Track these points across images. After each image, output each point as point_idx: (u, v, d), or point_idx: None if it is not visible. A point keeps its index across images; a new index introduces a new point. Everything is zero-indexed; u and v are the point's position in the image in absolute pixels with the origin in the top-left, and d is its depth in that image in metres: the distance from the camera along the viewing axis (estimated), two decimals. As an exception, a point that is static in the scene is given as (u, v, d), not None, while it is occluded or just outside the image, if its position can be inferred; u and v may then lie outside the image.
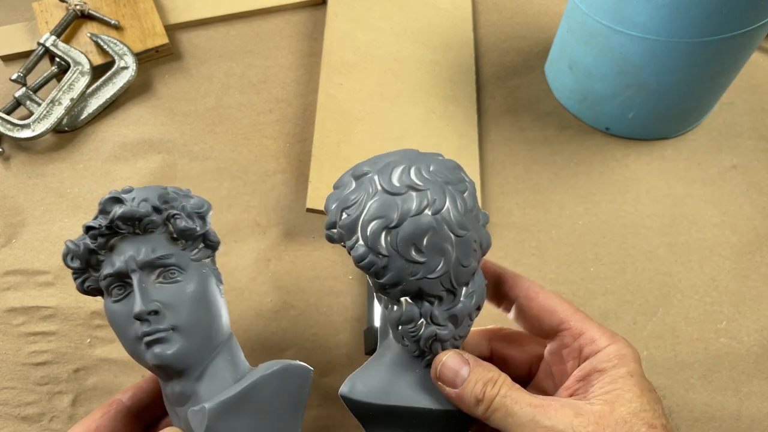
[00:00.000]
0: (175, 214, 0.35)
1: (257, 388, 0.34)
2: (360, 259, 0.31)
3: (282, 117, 0.63)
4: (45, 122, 0.60)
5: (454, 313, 0.33)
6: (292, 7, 0.72)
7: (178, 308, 0.33)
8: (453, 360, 0.33)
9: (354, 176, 0.33)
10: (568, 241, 0.55)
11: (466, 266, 0.32)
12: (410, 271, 0.31)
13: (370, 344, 0.47)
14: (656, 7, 0.48)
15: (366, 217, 0.31)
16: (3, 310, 0.52)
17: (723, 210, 0.56)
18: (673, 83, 0.53)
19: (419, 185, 0.31)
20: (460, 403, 0.33)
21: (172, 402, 0.35)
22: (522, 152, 0.60)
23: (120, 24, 0.67)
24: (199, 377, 0.34)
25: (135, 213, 0.33)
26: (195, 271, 0.35)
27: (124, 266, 0.33)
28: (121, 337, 0.34)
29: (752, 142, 0.61)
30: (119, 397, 0.37)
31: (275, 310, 0.51)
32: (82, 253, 0.34)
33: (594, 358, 0.32)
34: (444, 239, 0.31)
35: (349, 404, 0.35)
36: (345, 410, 0.47)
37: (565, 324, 0.34)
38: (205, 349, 0.34)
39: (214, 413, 0.32)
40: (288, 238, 0.55)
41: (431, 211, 0.31)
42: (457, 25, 0.69)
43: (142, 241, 0.34)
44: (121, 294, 0.34)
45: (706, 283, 0.52)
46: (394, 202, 0.31)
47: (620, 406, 0.30)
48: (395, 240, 0.31)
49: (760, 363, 0.48)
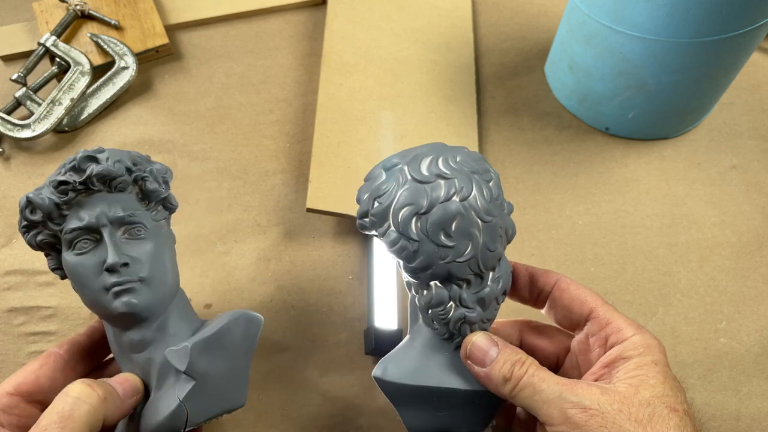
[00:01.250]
0: (145, 176, 0.37)
1: (227, 331, 0.37)
2: (392, 245, 0.33)
3: (282, 117, 0.63)
4: (45, 122, 0.60)
5: (481, 296, 0.34)
6: (292, 8, 0.72)
7: (144, 262, 0.36)
8: (482, 340, 0.34)
9: (384, 168, 0.35)
10: (568, 241, 0.55)
11: (493, 251, 0.34)
12: (440, 255, 0.33)
13: (370, 344, 0.47)
14: (656, 7, 0.48)
15: (397, 205, 0.33)
16: (3, 310, 0.52)
17: (723, 210, 0.56)
18: (673, 83, 0.54)
19: (447, 174, 0.33)
20: (488, 382, 0.34)
21: (127, 349, 0.37)
22: (522, 152, 0.60)
23: (120, 24, 0.67)
24: (159, 326, 0.37)
25: (111, 172, 0.35)
26: (156, 231, 0.38)
27: (95, 221, 0.35)
28: (82, 288, 0.36)
29: (752, 142, 0.61)
30: (55, 350, 0.38)
31: (275, 310, 0.51)
32: (48, 205, 0.35)
33: (620, 346, 0.33)
34: (471, 224, 0.33)
35: (382, 386, 0.36)
36: (345, 410, 0.47)
37: (594, 313, 0.35)
38: (164, 301, 0.37)
39: (195, 350, 0.35)
40: (288, 238, 0.55)
41: (459, 197, 0.33)
42: (457, 25, 0.69)
43: (112, 199, 0.36)
44: (86, 247, 0.36)
45: (705, 283, 0.52)
46: (424, 189, 0.33)
47: (644, 389, 0.31)
48: (425, 225, 0.33)
49: (759, 363, 0.48)
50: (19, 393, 0.35)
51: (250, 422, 0.47)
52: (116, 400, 0.34)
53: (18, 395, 0.35)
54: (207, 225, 0.56)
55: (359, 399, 0.47)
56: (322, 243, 0.55)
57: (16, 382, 0.35)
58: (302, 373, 0.49)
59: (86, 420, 0.31)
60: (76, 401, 0.31)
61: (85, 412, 0.31)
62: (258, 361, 0.49)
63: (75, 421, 0.31)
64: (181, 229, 0.56)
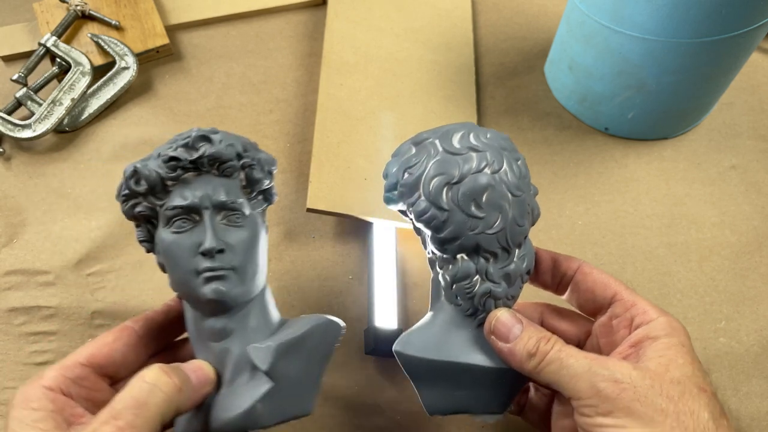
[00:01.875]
0: (252, 163, 0.37)
1: (310, 335, 0.36)
2: (422, 214, 0.34)
3: (282, 117, 0.63)
4: (46, 122, 0.60)
5: (507, 271, 0.35)
6: (293, 8, 0.73)
7: (239, 251, 0.35)
8: (507, 316, 0.34)
9: (414, 143, 0.36)
10: (568, 241, 0.55)
11: (521, 226, 0.35)
12: (469, 225, 0.33)
13: (370, 344, 0.48)
14: (656, 7, 0.48)
15: (428, 175, 0.33)
16: (4, 310, 0.52)
17: (722, 210, 0.56)
18: (673, 83, 0.54)
19: (479, 147, 0.34)
20: (511, 357, 0.33)
21: (206, 336, 0.36)
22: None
23: (120, 24, 0.67)
24: (241, 318, 0.36)
25: (223, 155, 0.35)
26: (253, 220, 0.37)
27: (199, 202, 0.35)
28: (174, 267, 0.35)
29: (751, 142, 0.61)
30: (130, 325, 0.37)
31: (275, 309, 0.52)
32: (155, 178, 0.35)
33: (646, 327, 0.33)
34: (502, 197, 0.33)
35: (403, 360, 0.36)
36: (345, 410, 0.47)
37: (618, 295, 0.35)
38: (251, 293, 0.36)
39: (279, 352, 0.34)
40: (288, 238, 0.55)
41: (490, 170, 0.33)
42: (457, 25, 0.69)
43: (218, 182, 0.36)
44: (185, 227, 0.35)
45: (705, 282, 0.52)
46: (456, 161, 0.33)
47: (674, 368, 0.30)
48: (456, 195, 0.33)
49: (759, 363, 0.48)
50: (90, 364, 0.34)
51: (251, 422, 0.47)
52: (190, 390, 0.33)
53: (90, 366, 0.34)
54: (207, 225, 0.56)
55: (359, 399, 0.48)
56: (322, 243, 0.55)
57: (88, 352, 0.34)
58: (302, 372, 0.49)
59: (160, 409, 0.30)
60: (152, 388, 0.30)
61: (160, 401, 0.30)
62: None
63: (149, 409, 0.30)
64: (181, 229, 0.56)
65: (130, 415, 0.29)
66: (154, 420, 0.30)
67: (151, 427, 0.30)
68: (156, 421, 0.30)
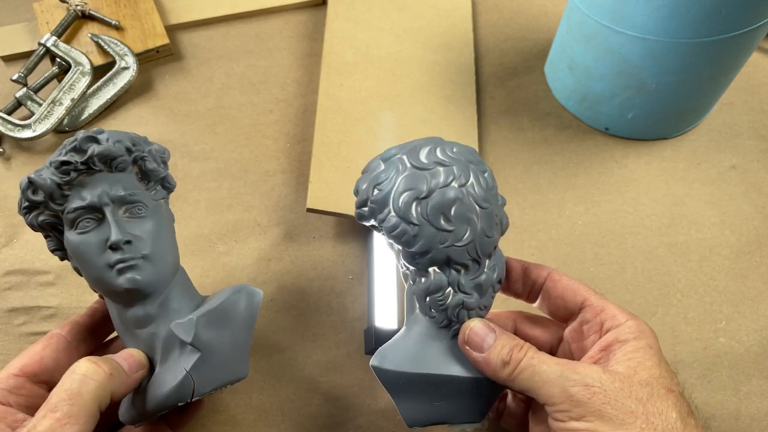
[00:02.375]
0: (144, 156, 0.38)
1: (230, 304, 0.38)
2: (392, 229, 0.34)
3: (282, 117, 0.63)
4: (46, 122, 0.60)
5: (479, 282, 0.35)
6: (293, 8, 0.73)
7: (145, 239, 0.37)
8: (480, 326, 0.35)
9: (383, 159, 0.36)
10: (568, 241, 0.55)
11: (490, 237, 0.35)
12: (439, 239, 0.34)
13: (370, 344, 0.48)
14: (656, 7, 0.48)
15: (398, 191, 0.34)
16: (4, 310, 0.52)
17: (722, 210, 0.56)
18: (673, 83, 0.54)
19: (446, 161, 0.35)
20: (486, 366, 0.34)
21: (131, 326, 0.38)
22: (522, 152, 0.61)
23: (120, 24, 0.67)
24: (162, 302, 0.37)
25: (112, 152, 0.36)
26: (156, 209, 0.39)
27: (98, 200, 0.36)
28: (86, 266, 0.37)
29: (751, 142, 0.61)
30: (58, 332, 0.39)
31: (275, 310, 0.52)
32: (49, 186, 0.36)
33: (616, 330, 0.34)
34: (470, 210, 0.34)
35: (380, 375, 0.37)
36: (345, 410, 0.47)
37: (588, 301, 0.36)
38: (166, 277, 0.38)
39: (200, 323, 0.36)
40: (288, 238, 0.55)
41: (457, 184, 0.34)
42: (457, 25, 0.69)
43: (113, 178, 0.37)
44: (89, 226, 0.36)
45: (705, 282, 0.52)
46: (423, 175, 0.34)
47: (642, 370, 0.31)
48: (425, 209, 0.34)
49: (759, 362, 0.48)
50: (23, 374, 0.36)
51: (250, 422, 0.47)
52: (122, 375, 0.34)
53: (23, 376, 0.36)
54: (207, 225, 0.56)
55: (359, 399, 0.48)
56: (322, 243, 0.55)
57: (20, 363, 0.36)
58: (302, 373, 0.49)
59: (94, 396, 0.32)
60: (83, 378, 0.32)
61: (92, 389, 0.32)
62: (258, 361, 0.49)
63: (83, 397, 0.31)
64: (181, 229, 0.56)
65: (66, 405, 0.31)
66: (89, 407, 0.32)
67: (88, 414, 0.31)
68: (92, 408, 0.32)
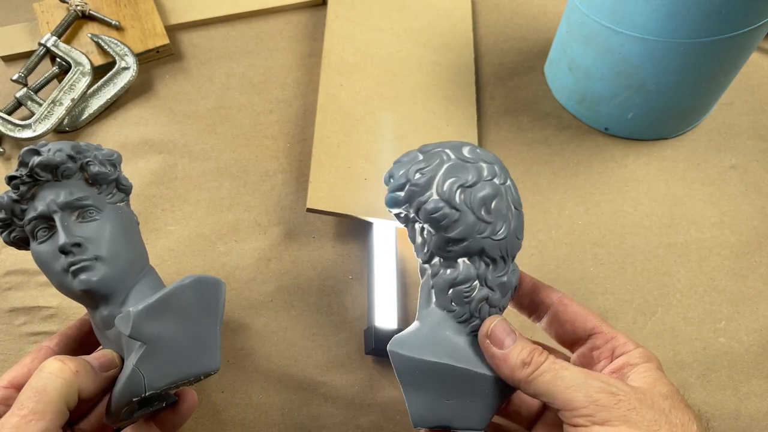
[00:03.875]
0: (89, 161, 0.39)
1: (175, 295, 0.37)
2: (433, 212, 0.35)
3: (282, 117, 0.63)
4: (46, 122, 0.60)
5: (503, 281, 0.36)
6: (293, 8, 0.73)
7: (98, 241, 0.38)
8: (503, 324, 0.35)
9: (422, 152, 0.37)
10: (568, 241, 0.55)
11: (519, 239, 0.37)
12: (478, 228, 0.35)
13: (370, 344, 0.48)
14: (655, 7, 0.48)
15: (442, 176, 0.35)
16: (5, 310, 0.52)
17: (722, 210, 0.56)
18: (672, 83, 0.54)
19: (488, 159, 0.36)
20: (504, 363, 0.34)
21: (101, 327, 0.38)
22: (522, 152, 0.61)
23: (121, 24, 0.68)
24: (124, 301, 0.38)
25: (52, 161, 0.37)
26: (111, 212, 0.40)
27: (46, 208, 0.37)
28: (49, 274, 0.38)
29: (751, 142, 0.61)
30: (46, 344, 0.40)
31: (275, 309, 0.52)
32: (7, 203, 0.38)
33: (627, 355, 0.35)
34: (507, 208, 0.36)
35: (397, 361, 0.36)
36: (345, 410, 0.47)
37: (598, 328, 0.36)
38: (127, 277, 0.38)
39: (138, 315, 0.35)
40: (288, 238, 0.55)
41: (499, 181, 0.36)
42: (457, 25, 0.69)
43: (60, 186, 0.38)
44: (45, 235, 0.38)
45: (705, 282, 0.52)
46: (469, 167, 0.35)
47: (661, 385, 0.32)
48: (470, 197, 0.35)
49: (758, 362, 0.48)
50: (12, 385, 0.37)
51: (250, 422, 0.47)
52: (90, 373, 0.35)
53: (12, 387, 0.37)
54: (207, 225, 0.56)
55: (359, 399, 0.48)
56: (322, 243, 0.55)
57: (9, 376, 0.37)
58: (302, 373, 0.49)
59: (60, 393, 0.33)
60: (49, 376, 0.33)
61: (58, 386, 0.33)
62: (258, 361, 0.49)
63: (48, 394, 0.32)
64: (181, 229, 0.56)
65: (32, 402, 0.32)
66: (56, 404, 0.32)
67: (54, 410, 0.32)
68: (59, 404, 0.32)
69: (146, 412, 0.39)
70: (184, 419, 0.42)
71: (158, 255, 0.54)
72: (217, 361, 0.38)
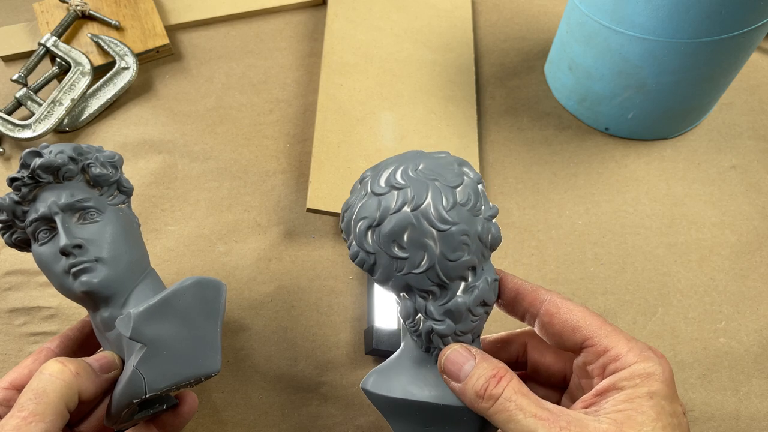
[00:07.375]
0: (90, 162, 0.39)
1: (176, 296, 0.37)
2: (353, 257, 0.34)
3: (282, 117, 0.63)
4: (46, 122, 0.60)
5: (449, 308, 0.33)
6: (293, 8, 0.73)
7: (99, 243, 0.38)
8: (456, 354, 0.33)
9: (359, 181, 0.35)
10: (568, 241, 0.55)
11: (454, 260, 0.32)
12: (395, 267, 0.32)
13: (370, 344, 0.48)
14: (655, 7, 0.48)
15: (356, 218, 0.33)
16: (4, 310, 0.52)
17: (722, 210, 0.56)
18: (673, 83, 0.54)
19: (401, 184, 0.32)
20: (463, 397, 0.32)
21: (102, 329, 0.38)
22: (522, 152, 0.61)
23: (120, 24, 0.67)
24: (125, 303, 0.38)
25: (53, 162, 0.37)
26: (112, 213, 0.40)
27: (48, 210, 0.37)
28: (50, 276, 0.38)
29: (751, 142, 0.61)
30: (47, 346, 0.40)
31: (275, 309, 0.52)
32: (8, 205, 0.38)
33: (614, 376, 0.31)
34: (424, 234, 0.32)
35: (370, 398, 0.36)
36: (345, 410, 0.47)
37: (589, 341, 0.32)
38: (128, 279, 0.38)
39: (139, 317, 0.35)
40: (288, 238, 0.55)
41: (410, 207, 0.32)
42: (457, 25, 0.69)
43: (62, 187, 0.38)
44: (47, 237, 0.38)
45: (705, 283, 0.52)
46: (378, 201, 0.33)
47: (628, 427, 0.28)
48: (378, 237, 0.32)
49: (759, 362, 0.48)
50: (13, 387, 0.37)
51: (250, 422, 0.47)
52: (91, 374, 0.35)
53: (13, 389, 0.37)
54: (207, 225, 0.56)
55: (359, 399, 0.48)
56: (322, 243, 0.55)
57: (10, 377, 0.37)
58: (302, 373, 0.49)
59: (60, 395, 0.33)
60: (49, 378, 0.33)
61: (58, 387, 0.33)
62: (258, 361, 0.49)
63: (48, 395, 0.32)
64: (181, 229, 0.56)
65: (32, 404, 0.32)
66: (56, 405, 0.32)
67: (54, 411, 0.32)
68: (59, 406, 0.33)
69: (147, 414, 0.39)
70: (185, 421, 0.42)
71: (158, 255, 0.54)
72: (217, 363, 0.38)
